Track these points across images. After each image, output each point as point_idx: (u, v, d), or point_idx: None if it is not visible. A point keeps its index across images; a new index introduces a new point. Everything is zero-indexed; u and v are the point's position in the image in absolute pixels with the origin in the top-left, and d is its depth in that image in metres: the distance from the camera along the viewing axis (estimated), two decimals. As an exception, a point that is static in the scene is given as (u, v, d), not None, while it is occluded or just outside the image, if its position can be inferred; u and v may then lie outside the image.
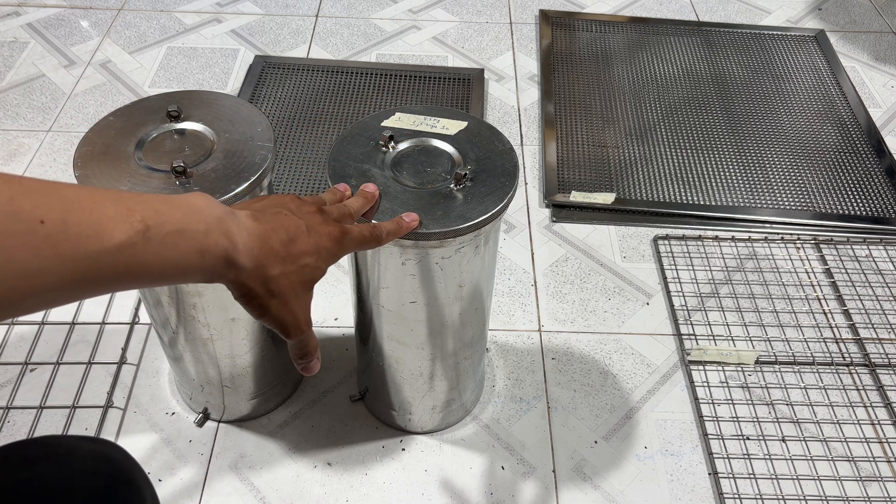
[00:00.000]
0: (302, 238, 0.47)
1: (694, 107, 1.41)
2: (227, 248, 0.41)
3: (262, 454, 0.87)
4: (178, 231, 0.38)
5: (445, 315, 0.72)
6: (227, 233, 0.41)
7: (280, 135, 1.29)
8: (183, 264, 0.39)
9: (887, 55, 1.59)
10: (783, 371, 0.98)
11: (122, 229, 0.36)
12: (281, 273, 0.45)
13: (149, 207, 0.38)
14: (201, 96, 0.73)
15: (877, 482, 0.87)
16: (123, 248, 0.36)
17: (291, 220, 0.47)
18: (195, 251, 0.39)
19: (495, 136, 0.70)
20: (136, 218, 0.36)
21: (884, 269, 1.13)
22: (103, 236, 0.35)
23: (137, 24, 1.57)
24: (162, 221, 0.38)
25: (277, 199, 0.50)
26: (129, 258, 0.36)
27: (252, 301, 0.45)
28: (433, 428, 0.90)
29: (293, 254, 0.46)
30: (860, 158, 1.31)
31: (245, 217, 0.44)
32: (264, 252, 0.44)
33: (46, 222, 0.33)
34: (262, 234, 0.44)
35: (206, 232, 0.40)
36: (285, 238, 0.45)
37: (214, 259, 0.41)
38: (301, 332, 0.49)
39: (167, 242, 0.38)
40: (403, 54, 1.51)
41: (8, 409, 0.90)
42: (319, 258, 0.48)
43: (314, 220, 0.49)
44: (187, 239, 0.39)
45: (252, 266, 0.43)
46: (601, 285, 1.09)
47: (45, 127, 1.31)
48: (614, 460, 0.88)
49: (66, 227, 0.33)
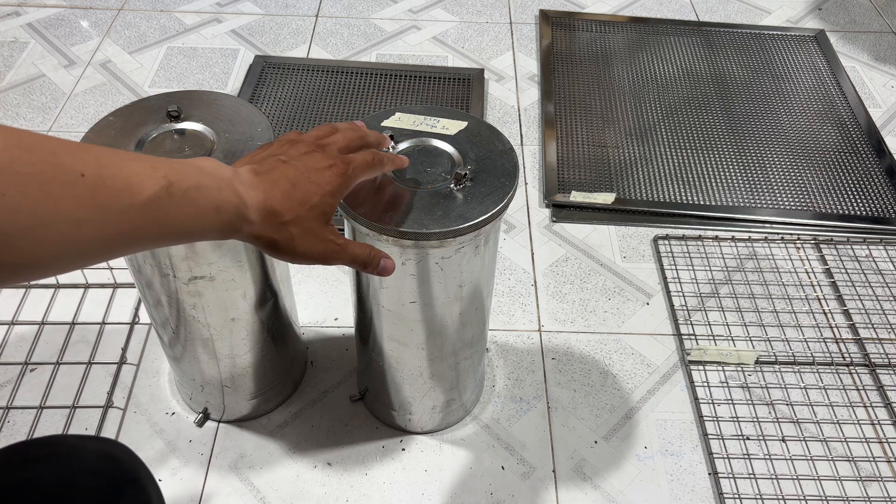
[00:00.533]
0: (303, 181, 0.48)
1: (694, 107, 1.41)
2: (237, 205, 0.44)
3: (262, 454, 0.87)
4: (195, 187, 0.41)
5: (445, 315, 0.72)
6: (236, 191, 0.44)
7: (280, 135, 1.29)
8: (202, 219, 0.42)
9: (887, 55, 1.59)
10: (783, 371, 0.98)
11: (149, 185, 0.39)
12: (293, 218, 0.47)
13: (168, 166, 0.41)
14: (201, 96, 0.73)
15: (877, 482, 0.87)
16: (151, 202, 0.38)
17: (290, 167, 0.49)
18: (212, 207, 0.42)
19: (495, 136, 0.70)
20: (160, 174, 0.39)
21: (884, 269, 1.13)
22: (134, 191, 0.38)
23: (137, 24, 1.57)
24: (181, 178, 0.41)
25: (276, 147, 0.51)
26: (156, 212, 0.39)
27: (277, 248, 0.48)
28: (433, 428, 0.90)
29: (298, 198, 0.48)
30: (860, 158, 1.31)
31: (247, 173, 0.47)
32: (270, 203, 0.46)
33: (86, 175, 0.35)
34: (265, 188, 0.46)
35: (218, 189, 0.43)
36: (287, 186, 0.47)
37: (228, 215, 0.44)
38: (338, 254, 0.51)
39: (188, 197, 0.41)
40: (403, 54, 1.51)
41: (8, 409, 0.90)
42: (325, 194, 0.49)
43: (313, 161, 0.50)
44: (204, 195, 0.42)
45: (261, 218, 0.46)
46: (601, 285, 1.09)
47: (45, 127, 1.31)
48: (614, 460, 0.88)
49: (102, 180, 0.36)
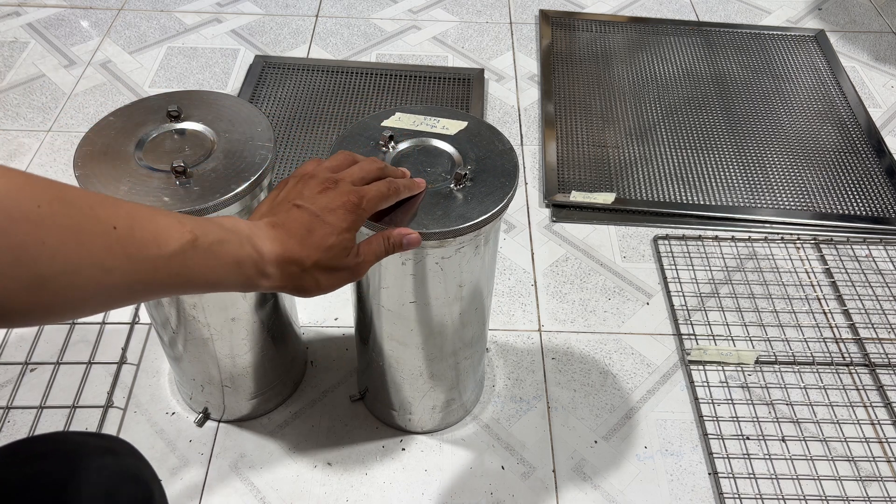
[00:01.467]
0: (318, 225, 0.50)
1: (694, 107, 1.41)
2: (256, 260, 0.47)
3: (262, 454, 0.87)
4: (219, 241, 0.44)
5: (445, 315, 0.72)
6: (256, 246, 0.47)
7: (280, 135, 1.29)
8: (223, 272, 0.45)
9: (887, 55, 1.59)
10: (783, 371, 0.98)
11: (175, 237, 0.42)
12: (314, 262, 0.50)
13: (194, 221, 0.44)
14: (201, 96, 0.73)
15: (877, 482, 0.87)
16: (177, 254, 0.42)
17: (304, 211, 0.50)
18: (233, 261, 0.45)
19: (495, 136, 0.70)
20: (186, 229, 0.43)
21: (884, 269, 1.13)
22: (161, 244, 0.41)
23: (137, 24, 1.57)
24: (206, 233, 0.44)
25: (291, 189, 0.53)
26: (181, 264, 0.42)
27: (307, 291, 0.51)
28: (433, 428, 0.90)
29: (314, 243, 0.50)
30: (860, 158, 1.31)
31: (265, 227, 0.49)
32: (288, 254, 0.48)
33: (118, 228, 0.39)
34: (282, 240, 0.49)
35: (240, 244, 0.46)
36: (303, 233, 0.49)
37: (247, 269, 0.46)
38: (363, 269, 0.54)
39: (212, 251, 0.44)
40: (403, 54, 1.51)
41: (8, 409, 0.90)
42: (342, 232, 0.51)
43: (326, 200, 0.51)
44: (227, 250, 0.45)
45: (280, 270, 0.48)
46: (601, 285, 1.09)
47: (45, 127, 1.31)
48: (614, 460, 0.88)
49: (132, 232, 0.40)
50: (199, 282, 0.44)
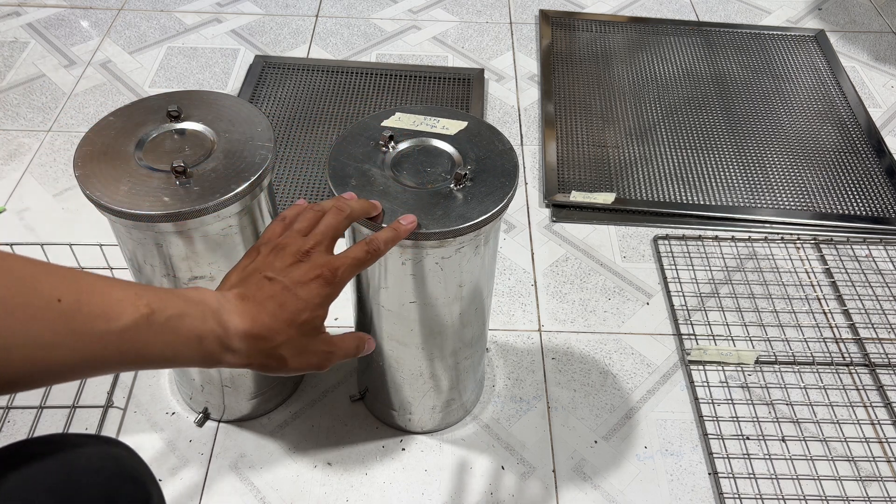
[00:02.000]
0: (290, 300, 0.48)
1: (694, 107, 1.41)
2: (220, 335, 0.44)
3: (262, 454, 0.87)
4: (178, 316, 0.42)
5: (445, 315, 0.72)
6: (221, 321, 0.45)
7: (280, 135, 1.29)
8: (183, 348, 0.42)
9: (887, 55, 1.59)
10: (783, 371, 0.98)
11: (129, 312, 0.39)
12: (283, 340, 0.47)
13: (153, 294, 0.41)
14: (201, 96, 0.73)
15: (877, 482, 0.87)
16: (129, 329, 0.39)
17: (276, 284, 0.48)
18: (194, 336, 0.43)
19: (495, 136, 0.70)
20: (142, 303, 0.40)
21: (884, 269, 1.13)
22: (111, 318, 0.38)
23: (137, 24, 1.57)
24: (164, 307, 0.41)
25: (262, 261, 0.50)
26: (133, 339, 0.39)
27: (270, 370, 0.48)
28: (433, 428, 0.90)
29: (286, 319, 0.47)
30: (860, 158, 1.31)
31: (235, 300, 0.47)
32: (257, 329, 0.46)
33: (63, 301, 0.36)
34: (252, 314, 0.46)
35: (202, 318, 0.43)
36: (274, 307, 0.47)
37: (209, 344, 0.44)
38: (330, 360, 0.51)
39: (169, 326, 0.41)
40: (403, 54, 1.52)
41: (8, 409, 0.90)
42: (315, 307, 0.49)
43: (299, 273, 0.49)
44: (187, 325, 0.42)
45: (248, 347, 0.46)
46: (601, 285, 1.09)
47: (45, 127, 1.31)
48: (614, 460, 0.88)
49: (79, 306, 0.37)
50: (153, 358, 0.41)
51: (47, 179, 1.21)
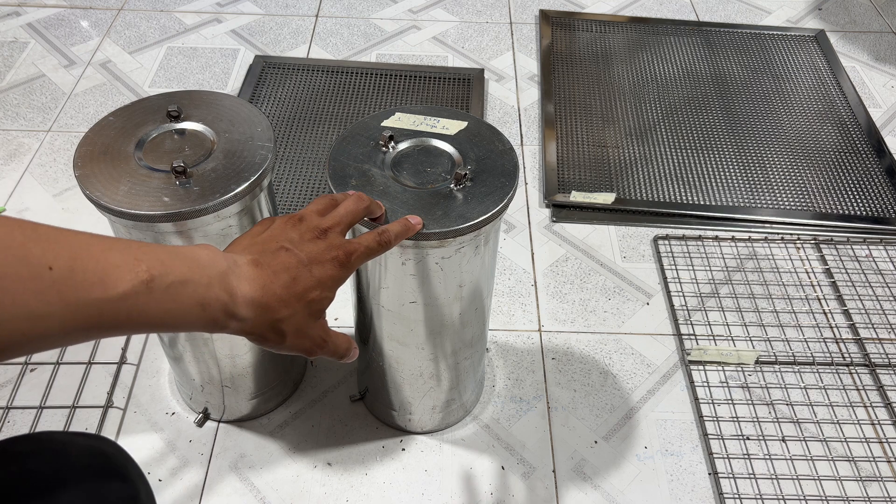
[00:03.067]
0: (304, 274, 0.47)
1: (694, 107, 1.41)
2: (226, 303, 0.42)
3: (262, 454, 0.87)
4: (181, 282, 0.40)
5: (445, 315, 0.72)
6: (228, 287, 0.43)
7: (280, 135, 1.29)
8: (184, 315, 0.40)
9: (887, 55, 1.59)
10: (783, 371, 0.98)
11: (127, 279, 0.37)
12: (289, 314, 0.46)
13: (154, 258, 0.39)
14: (201, 96, 0.73)
15: (877, 482, 0.87)
16: (127, 297, 0.37)
17: (292, 255, 0.47)
18: (196, 303, 0.41)
19: (495, 136, 0.70)
20: (142, 268, 0.38)
21: (884, 269, 1.13)
22: (108, 285, 0.36)
23: (137, 24, 1.57)
24: (166, 272, 0.39)
25: (279, 229, 0.49)
26: (132, 307, 0.37)
27: (265, 342, 0.46)
28: (433, 428, 0.90)
29: (297, 293, 0.46)
30: (860, 158, 1.31)
31: (246, 265, 0.45)
32: (267, 298, 0.45)
33: (54, 269, 0.34)
34: (264, 281, 0.45)
35: (208, 285, 0.41)
36: (287, 279, 0.46)
37: (214, 312, 0.42)
38: (322, 349, 0.50)
39: (170, 293, 0.39)
40: (403, 54, 1.51)
41: (8, 409, 0.90)
42: (325, 288, 0.48)
43: (316, 249, 0.49)
44: (189, 291, 0.40)
45: (255, 315, 0.44)
46: (601, 285, 1.09)
47: (45, 127, 1.31)
48: (614, 460, 0.88)
49: (72, 273, 0.35)
50: (152, 324, 0.39)
51: (47, 179, 1.21)
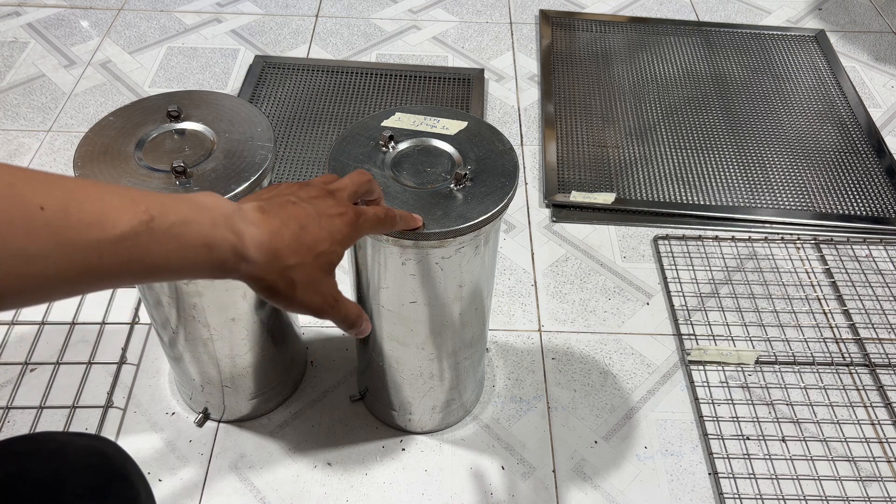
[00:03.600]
0: (313, 225, 0.46)
1: (694, 107, 1.41)
2: (233, 243, 0.40)
3: (262, 454, 0.87)
4: (183, 222, 0.38)
5: (445, 315, 0.72)
6: (235, 228, 0.41)
7: (280, 135, 1.29)
8: (189, 257, 0.38)
9: (887, 55, 1.59)
10: (783, 371, 0.98)
11: (126, 219, 0.35)
12: (298, 262, 0.44)
13: (154, 200, 0.37)
14: (201, 96, 0.73)
15: (877, 482, 0.87)
16: (126, 237, 0.35)
17: (301, 208, 0.46)
18: (202, 244, 0.39)
19: (495, 136, 0.70)
20: (141, 208, 0.36)
21: (884, 269, 1.13)
22: (105, 225, 0.34)
23: (137, 24, 1.57)
24: (166, 212, 0.37)
25: (286, 188, 0.48)
26: (132, 248, 0.35)
27: (275, 294, 0.44)
28: (433, 428, 0.90)
29: (307, 242, 0.45)
30: (860, 158, 1.31)
31: (253, 211, 0.43)
32: (276, 244, 0.43)
33: (47, 209, 0.33)
34: (272, 228, 0.43)
35: (213, 224, 0.39)
36: (296, 228, 0.44)
37: (223, 253, 0.40)
38: (332, 310, 0.48)
39: (172, 233, 0.37)
40: (403, 54, 1.51)
41: (8, 409, 0.90)
42: (335, 242, 0.47)
43: (324, 205, 0.48)
44: (194, 231, 0.38)
45: (265, 259, 0.42)
46: (601, 285, 1.09)
47: (45, 127, 1.31)
48: (614, 460, 0.88)
49: (67, 214, 0.33)
50: (157, 268, 0.37)
51: (47, 179, 1.21)
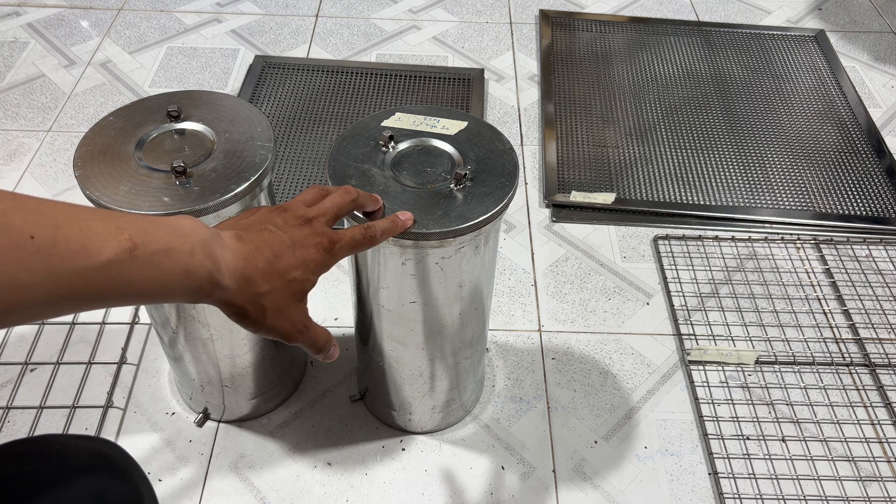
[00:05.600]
0: (287, 253, 0.47)
1: (694, 107, 1.41)
2: (210, 270, 0.42)
3: (262, 454, 0.87)
4: (164, 250, 0.40)
5: (445, 315, 0.72)
6: (212, 255, 0.43)
7: (280, 135, 1.29)
8: (168, 283, 0.40)
9: (887, 55, 1.59)
10: (783, 371, 0.98)
11: (110, 246, 0.37)
12: (269, 289, 0.46)
13: (136, 227, 0.39)
14: (201, 96, 0.73)
15: (877, 482, 0.87)
16: (110, 264, 0.37)
17: (276, 236, 0.48)
18: (180, 271, 0.41)
19: (495, 136, 0.70)
20: (124, 236, 0.38)
21: (884, 269, 1.13)
22: (91, 253, 0.36)
23: (137, 24, 1.57)
24: (149, 240, 0.39)
25: (263, 214, 0.50)
26: (116, 275, 0.37)
27: (245, 318, 0.46)
28: (433, 428, 0.90)
29: (279, 269, 0.46)
30: (860, 158, 1.31)
31: (229, 238, 0.45)
32: (249, 271, 0.45)
33: (36, 237, 0.34)
34: (246, 254, 0.45)
35: (191, 252, 0.41)
36: (270, 255, 0.46)
37: (199, 280, 0.42)
38: (301, 336, 0.50)
39: (153, 261, 0.39)
40: (403, 54, 1.51)
41: (8, 409, 0.90)
42: (307, 270, 0.48)
43: (300, 234, 0.49)
44: (173, 259, 0.40)
45: (237, 286, 0.44)
46: (601, 285, 1.09)
47: (45, 127, 1.31)
48: (614, 460, 0.88)
49: (55, 242, 0.35)
50: (140, 293, 0.39)
51: (47, 179, 1.21)
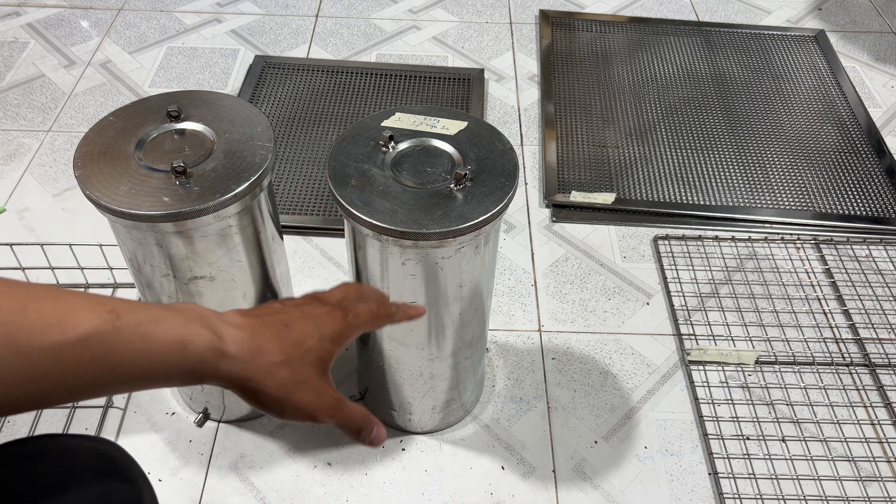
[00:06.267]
0: (298, 323, 0.43)
1: (694, 107, 1.41)
2: (210, 339, 0.37)
3: (262, 454, 0.87)
4: (153, 320, 0.35)
5: (445, 315, 0.72)
6: (211, 325, 0.38)
7: (280, 135, 1.29)
8: (161, 357, 0.35)
9: (887, 55, 1.59)
10: (783, 371, 0.98)
11: (90, 318, 0.33)
12: (285, 358, 0.41)
13: (121, 301, 0.35)
14: (201, 96, 0.73)
15: (877, 482, 0.87)
16: (89, 337, 0.32)
17: (284, 311, 0.43)
18: (175, 341, 0.36)
19: (495, 136, 0.70)
20: (107, 307, 0.34)
21: (884, 269, 1.13)
22: (66, 326, 0.32)
23: (137, 24, 1.57)
24: (134, 311, 0.35)
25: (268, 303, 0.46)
26: (96, 349, 0.33)
27: (264, 396, 0.40)
28: (433, 428, 0.90)
29: (292, 338, 0.41)
30: (860, 158, 1.31)
31: (231, 314, 0.41)
32: (258, 340, 0.40)
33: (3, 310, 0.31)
34: (252, 325, 0.41)
35: (185, 323, 0.37)
36: (279, 326, 0.42)
37: (199, 350, 0.37)
38: (333, 412, 0.44)
39: (140, 332, 0.34)
40: (403, 54, 1.51)
41: (8, 409, 0.90)
42: (323, 338, 0.43)
43: (310, 308, 0.45)
44: (165, 328, 0.35)
45: (248, 356, 0.39)
46: (601, 285, 1.09)
47: (45, 127, 1.31)
48: (614, 460, 0.88)
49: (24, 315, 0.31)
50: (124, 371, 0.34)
51: (47, 179, 1.21)
